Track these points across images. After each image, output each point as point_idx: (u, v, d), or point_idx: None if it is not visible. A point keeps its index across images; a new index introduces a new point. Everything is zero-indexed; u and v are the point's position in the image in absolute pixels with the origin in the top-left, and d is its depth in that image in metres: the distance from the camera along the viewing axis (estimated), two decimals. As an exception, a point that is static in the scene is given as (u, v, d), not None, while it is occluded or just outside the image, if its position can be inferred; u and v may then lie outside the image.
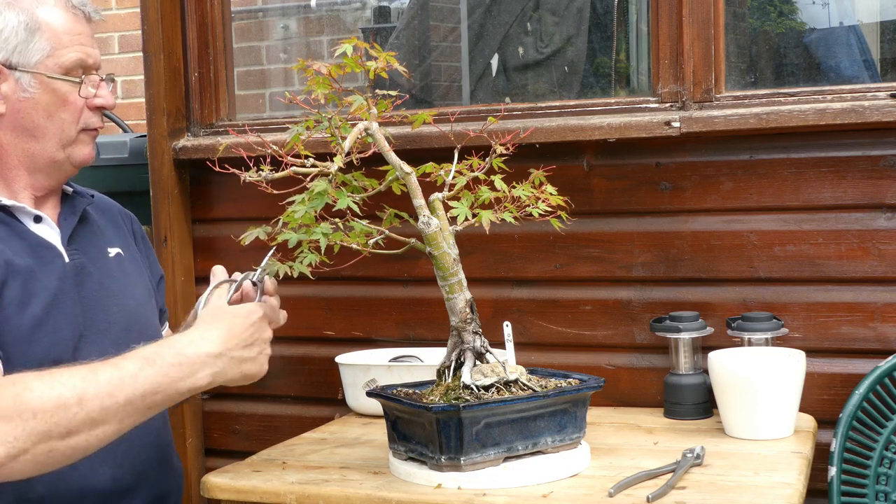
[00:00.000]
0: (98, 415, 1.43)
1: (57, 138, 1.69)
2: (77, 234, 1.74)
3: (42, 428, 1.39)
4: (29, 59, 1.64)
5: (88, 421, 1.42)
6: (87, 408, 1.42)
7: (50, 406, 1.40)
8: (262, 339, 1.60)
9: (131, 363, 1.48)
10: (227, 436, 2.64)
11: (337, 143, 1.68)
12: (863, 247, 2.10)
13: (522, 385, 1.70)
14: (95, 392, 1.43)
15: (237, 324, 1.57)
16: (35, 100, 1.66)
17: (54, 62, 1.66)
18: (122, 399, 1.45)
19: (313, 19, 4.01)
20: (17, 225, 1.66)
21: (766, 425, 1.89)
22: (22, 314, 1.58)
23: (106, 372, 1.46)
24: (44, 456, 1.40)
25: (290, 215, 1.60)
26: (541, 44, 3.35)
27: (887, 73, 3.01)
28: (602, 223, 2.28)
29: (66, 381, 1.43)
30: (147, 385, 1.47)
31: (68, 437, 1.41)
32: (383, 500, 1.63)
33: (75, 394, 1.42)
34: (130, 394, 1.45)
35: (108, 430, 1.45)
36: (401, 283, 2.45)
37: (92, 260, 1.74)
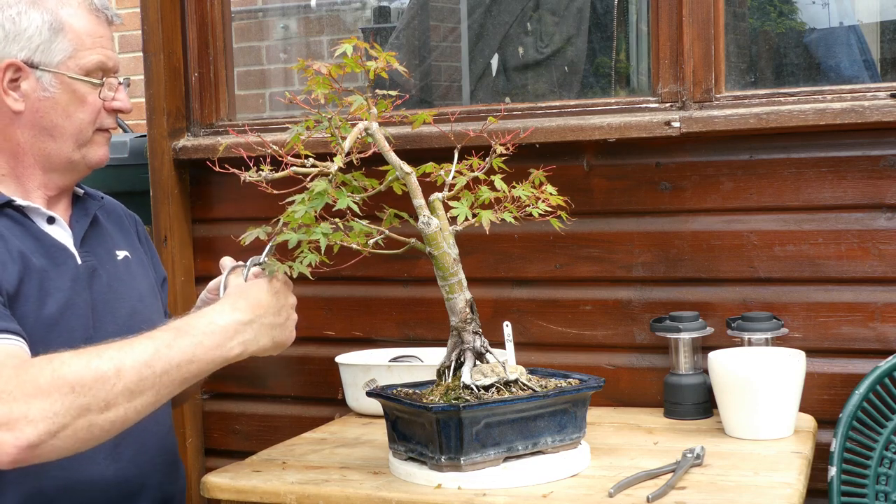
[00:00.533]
0: (136, 385, 1.43)
1: (74, 138, 1.70)
2: (88, 236, 1.75)
3: (82, 401, 1.39)
4: (51, 58, 1.66)
5: (126, 392, 1.42)
6: (125, 379, 1.42)
7: (88, 379, 1.40)
8: (288, 304, 1.61)
9: (165, 334, 1.49)
10: (227, 436, 2.64)
11: (337, 143, 1.68)
12: (863, 247, 2.10)
13: (522, 385, 1.70)
14: (133, 363, 1.43)
15: (262, 293, 1.58)
16: (54, 99, 1.67)
17: (76, 63, 1.68)
18: (158, 369, 1.45)
19: (313, 19, 4.01)
20: (31, 225, 1.67)
21: (766, 425, 1.89)
22: (39, 313, 1.60)
23: (141, 344, 1.46)
24: (84, 431, 1.41)
25: (290, 215, 1.60)
26: (541, 44, 3.35)
27: (887, 73, 3.01)
28: (602, 223, 2.28)
29: (102, 354, 1.43)
30: (181, 354, 1.47)
31: (107, 409, 1.41)
32: (383, 500, 1.63)
33: (113, 365, 1.42)
34: (167, 363, 1.46)
35: (145, 401, 1.45)
36: (401, 283, 2.45)
37: (102, 262, 1.75)
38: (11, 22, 1.65)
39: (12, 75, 1.65)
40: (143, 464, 1.72)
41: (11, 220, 1.65)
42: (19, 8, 1.65)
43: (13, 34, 1.65)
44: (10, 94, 1.66)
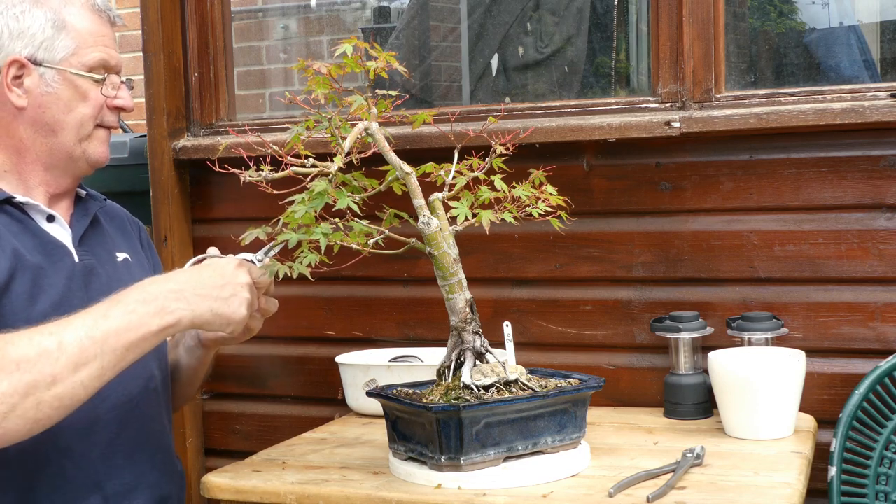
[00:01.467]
0: (79, 357, 1.43)
1: (75, 132, 1.71)
2: (88, 235, 1.76)
3: (27, 378, 1.40)
4: (54, 55, 1.68)
5: (71, 365, 1.43)
6: (67, 351, 1.43)
7: (32, 354, 1.41)
8: (235, 283, 1.58)
9: (102, 305, 1.49)
10: (227, 436, 2.64)
11: (337, 143, 1.68)
12: (863, 247, 2.10)
13: (522, 385, 1.70)
14: (73, 335, 1.44)
15: (205, 269, 1.59)
16: (57, 95, 1.69)
17: (78, 60, 1.70)
18: (98, 338, 1.45)
19: (313, 19, 4.01)
20: (30, 223, 1.68)
21: (766, 425, 1.89)
22: (31, 310, 1.59)
23: (80, 317, 1.47)
24: (33, 410, 1.41)
25: (290, 215, 1.60)
26: (541, 44, 3.35)
27: (887, 73, 3.01)
28: (602, 223, 2.28)
29: (43, 331, 1.44)
30: (118, 322, 1.47)
31: (53, 385, 1.42)
32: (383, 500, 1.63)
33: (54, 339, 1.43)
34: (105, 332, 1.46)
35: (90, 372, 1.45)
36: (401, 283, 2.45)
37: (101, 262, 1.76)
38: (15, 20, 1.67)
39: (16, 72, 1.67)
40: (139, 462, 1.72)
41: (10, 216, 1.66)
42: (23, 7, 1.68)
43: (17, 32, 1.67)
44: (13, 91, 1.68)
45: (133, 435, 1.71)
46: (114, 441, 1.68)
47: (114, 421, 1.68)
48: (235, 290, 1.58)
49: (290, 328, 2.55)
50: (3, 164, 1.71)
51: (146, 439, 1.74)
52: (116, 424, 1.69)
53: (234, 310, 1.57)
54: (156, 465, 1.76)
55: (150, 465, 1.74)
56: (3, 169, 1.71)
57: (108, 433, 1.67)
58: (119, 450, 1.69)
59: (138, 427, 1.73)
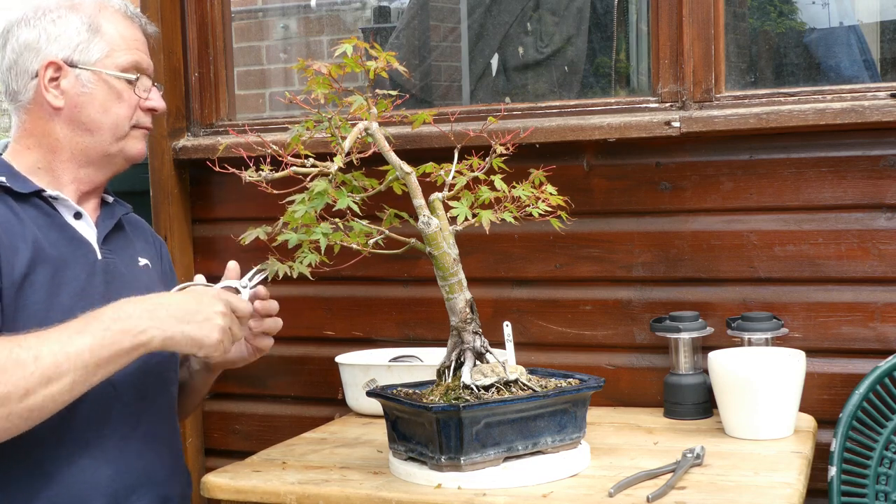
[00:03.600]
0: (52, 371, 1.47)
1: (111, 132, 1.76)
2: (112, 237, 1.80)
3: (1, 390, 1.44)
4: (89, 57, 1.74)
5: (43, 379, 1.47)
6: (42, 366, 1.47)
7: (9, 366, 1.45)
8: (209, 310, 1.61)
9: (77, 322, 1.53)
10: (227, 436, 2.64)
11: (337, 143, 1.68)
12: (863, 247, 2.10)
13: (522, 385, 1.70)
14: (49, 351, 1.48)
15: (185, 294, 1.63)
16: (92, 95, 1.74)
17: (112, 62, 1.76)
18: (72, 353, 1.49)
19: (313, 19, 4.01)
20: (57, 217, 1.72)
21: (766, 425, 1.89)
22: (52, 301, 1.62)
23: (56, 332, 1.51)
24: (3, 421, 1.45)
25: (290, 215, 1.60)
26: (541, 44, 3.35)
27: (887, 73, 3.01)
28: (602, 223, 2.28)
29: (22, 343, 1.48)
30: (92, 339, 1.51)
31: (25, 397, 1.45)
32: (383, 500, 1.63)
33: (31, 353, 1.47)
34: (79, 347, 1.50)
35: (60, 387, 1.48)
36: (401, 283, 2.45)
37: (123, 263, 1.80)
38: (52, 24, 1.74)
39: (53, 74, 1.73)
40: (149, 460, 1.74)
41: (38, 209, 1.70)
42: (59, 12, 1.75)
43: (54, 36, 1.73)
44: (50, 91, 1.73)
45: (146, 431, 1.73)
46: (128, 436, 1.70)
47: (130, 416, 1.71)
48: (209, 315, 1.60)
49: (290, 328, 2.52)
50: (38, 161, 1.75)
51: (158, 437, 1.77)
52: (132, 419, 1.71)
53: (206, 334, 1.59)
54: (165, 463, 1.78)
55: (160, 464, 1.76)
56: (37, 166, 1.75)
57: (123, 427, 1.69)
58: (132, 445, 1.71)
59: (151, 424, 1.75)
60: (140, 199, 2.57)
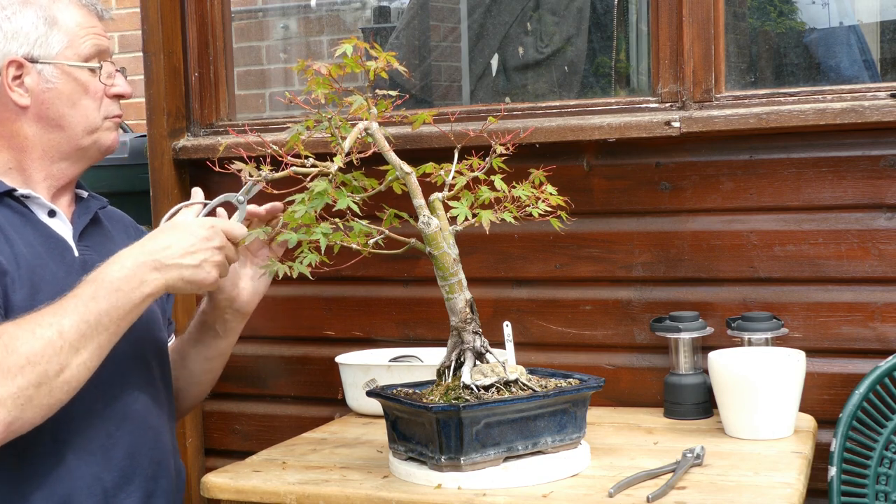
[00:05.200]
0: (78, 342, 1.51)
1: (82, 126, 1.75)
2: (88, 232, 1.79)
3: (39, 370, 1.47)
4: (49, 50, 1.72)
5: (73, 351, 1.51)
6: (68, 339, 1.50)
7: (39, 347, 1.48)
8: (206, 247, 1.63)
9: (86, 288, 1.55)
10: (227, 436, 2.64)
11: (337, 143, 1.68)
12: (863, 247, 2.10)
13: (522, 385, 1.70)
14: (70, 322, 1.51)
15: (177, 233, 1.64)
16: (58, 89, 1.72)
17: (73, 52, 1.73)
18: (92, 321, 1.53)
19: (313, 19, 4.01)
20: (31, 216, 1.71)
21: (766, 425, 1.89)
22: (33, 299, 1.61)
23: (70, 303, 1.54)
24: (46, 398, 1.49)
25: (290, 215, 1.60)
26: (541, 44, 3.35)
27: (887, 73, 3.01)
28: (602, 223, 2.28)
29: (41, 321, 1.50)
30: (106, 303, 1.54)
31: (61, 372, 1.50)
32: (383, 500, 1.63)
33: (54, 330, 1.50)
34: (96, 314, 1.54)
35: (90, 354, 1.53)
36: (401, 283, 2.45)
37: (101, 258, 1.76)
38: (7, 21, 1.71)
39: (15, 72, 1.70)
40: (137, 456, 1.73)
41: (11, 209, 1.69)
42: (13, 9, 1.72)
43: (11, 33, 1.70)
44: (14, 91, 1.70)
45: (133, 426, 1.72)
46: (113, 434, 1.69)
47: (112, 414, 1.70)
48: (207, 254, 1.64)
49: (290, 328, 2.55)
50: (7, 162, 1.73)
51: (146, 432, 1.75)
52: (116, 417, 1.70)
53: (204, 276, 1.63)
54: (155, 458, 1.76)
55: (150, 458, 1.75)
56: (8, 167, 1.73)
57: (108, 426, 1.69)
58: (120, 441, 1.70)
59: (138, 421, 1.74)
60: (140, 199, 2.57)
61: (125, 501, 1.69)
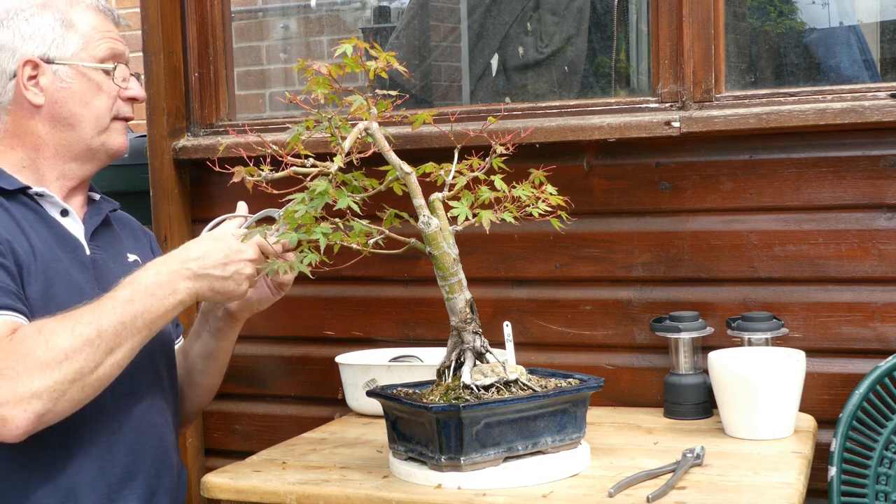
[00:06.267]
0: (114, 342, 1.57)
1: (93, 125, 1.78)
2: (99, 233, 1.81)
3: (75, 367, 1.52)
4: (65, 52, 1.76)
5: (108, 350, 1.56)
6: (105, 338, 1.56)
7: (77, 344, 1.53)
8: (238, 259, 1.69)
9: (123, 290, 1.61)
10: (227, 436, 2.64)
11: (337, 143, 1.68)
12: (863, 247, 2.10)
13: (522, 385, 1.70)
14: (108, 322, 1.56)
15: (213, 244, 1.69)
16: (72, 89, 1.76)
17: (88, 54, 1.78)
18: (128, 323, 1.58)
19: (313, 19, 4.01)
20: (45, 214, 1.74)
21: (766, 425, 1.89)
22: (48, 294, 1.65)
23: (108, 304, 1.58)
24: (79, 392, 1.54)
25: (290, 215, 1.60)
26: (541, 44, 3.35)
27: (887, 73, 3.01)
28: (602, 223, 2.28)
29: (81, 319, 1.55)
30: (140, 306, 1.60)
31: (96, 370, 1.55)
32: (383, 500, 1.63)
33: (93, 328, 1.55)
34: (131, 316, 1.59)
35: (122, 354, 1.58)
36: (401, 283, 2.45)
37: (112, 258, 1.81)
38: (25, 22, 1.75)
39: (31, 72, 1.74)
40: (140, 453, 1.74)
41: (25, 206, 1.72)
42: (31, 11, 1.76)
43: (28, 34, 1.74)
44: (30, 90, 1.74)
45: (136, 426, 1.74)
46: (118, 431, 1.71)
47: (119, 410, 1.72)
48: (238, 266, 1.69)
49: (290, 328, 2.55)
50: (22, 160, 1.77)
51: (149, 431, 1.77)
52: (122, 414, 1.72)
53: (234, 287, 1.69)
54: (157, 457, 1.78)
55: (152, 457, 1.76)
56: (22, 165, 1.77)
57: (113, 422, 1.71)
58: (123, 440, 1.71)
59: (142, 418, 1.76)
60: (140, 199, 2.57)
61: (129, 497, 1.71)
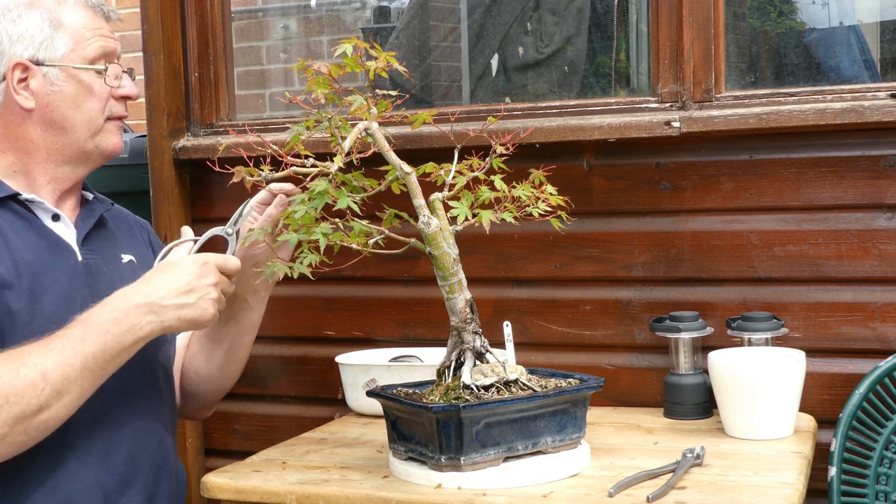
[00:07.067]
0: (62, 385, 1.51)
1: (85, 128, 1.74)
2: (92, 235, 1.78)
3: (17, 410, 1.48)
4: (55, 53, 1.71)
5: (55, 393, 1.51)
6: (51, 381, 1.50)
7: (20, 388, 1.48)
8: (202, 285, 1.62)
9: (76, 329, 1.55)
10: (227, 436, 2.64)
11: (337, 143, 1.68)
12: (863, 247, 2.10)
13: (522, 385, 1.70)
14: (55, 364, 1.51)
15: (172, 273, 1.62)
16: (63, 92, 1.72)
17: (78, 54, 1.73)
18: (78, 365, 1.53)
19: (313, 19, 4.01)
20: (35, 220, 1.70)
21: (766, 425, 1.89)
22: (33, 309, 1.61)
23: (57, 344, 1.53)
24: (21, 435, 1.49)
25: (290, 215, 1.60)
26: (541, 44, 3.35)
27: (887, 73, 3.01)
28: (602, 223, 2.28)
29: (26, 361, 1.50)
30: (94, 346, 1.54)
31: (39, 412, 1.50)
32: (383, 500, 1.63)
33: (38, 371, 1.49)
34: (83, 358, 1.53)
35: (72, 397, 1.53)
36: (401, 283, 2.45)
37: (106, 261, 1.78)
38: (13, 24, 1.70)
39: (20, 75, 1.70)
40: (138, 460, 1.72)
41: (15, 213, 1.68)
42: (18, 11, 1.71)
43: (16, 36, 1.70)
44: (20, 93, 1.70)
45: (134, 431, 1.72)
46: (115, 437, 1.69)
47: (114, 420, 1.69)
48: (202, 291, 1.62)
49: (290, 328, 2.55)
50: (13, 164, 1.73)
51: (147, 436, 1.75)
52: (117, 423, 1.70)
53: (201, 313, 1.62)
54: (156, 461, 1.76)
55: (151, 462, 1.75)
56: (13, 169, 1.73)
57: (109, 431, 1.68)
58: (121, 446, 1.70)
59: (140, 424, 1.74)
60: (140, 199, 2.57)
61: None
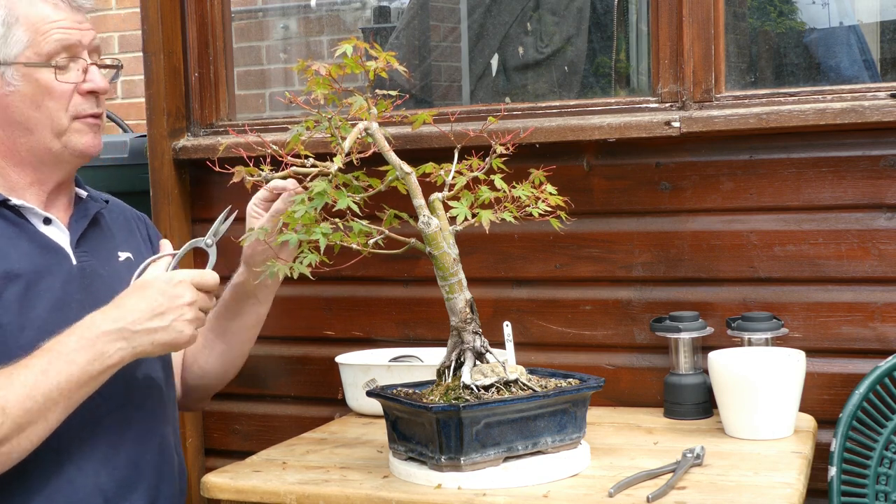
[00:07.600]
0: (23, 419, 1.46)
1: (49, 128, 1.67)
2: (87, 236, 1.74)
3: None
4: (9, 52, 1.63)
5: (16, 427, 1.46)
6: (11, 415, 1.45)
7: None
8: (175, 305, 1.57)
9: (39, 360, 1.49)
10: (227, 436, 2.64)
11: (337, 143, 1.68)
12: (863, 247, 2.10)
13: (522, 385, 1.70)
14: (15, 398, 1.46)
15: (144, 295, 1.57)
16: (21, 92, 1.64)
17: (33, 51, 1.64)
18: (40, 398, 1.47)
19: (313, 19, 4.01)
20: (27, 226, 1.66)
21: (766, 425, 1.89)
22: (25, 318, 1.58)
23: (20, 375, 1.47)
24: None
25: (290, 215, 1.60)
26: (541, 44, 3.35)
27: (887, 73, 3.01)
28: (602, 223, 2.28)
29: None
30: (59, 377, 1.49)
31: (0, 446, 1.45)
32: (383, 500, 1.63)
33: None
34: (46, 390, 1.47)
35: (36, 429, 1.48)
36: (401, 283, 2.45)
37: (101, 263, 1.74)
38: None
39: None
40: (140, 463, 1.71)
41: (6, 220, 1.65)
42: None
43: None
44: None
45: (135, 435, 1.71)
46: (115, 443, 1.68)
47: (116, 423, 1.68)
48: (177, 312, 1.57)
49: (290, 328, 2.55)
50: None
51: (148, 440, 1.74)
52: (118, 426, 1.69)
53: (176, 336, 1.57)
54: (157, 465, 1.75)
55: (152, 466, 1.74)
56: None
57: (110, 435, 1.67)
58: (121, 451, 1.68)
59: (141, 427, 1.73)
60: (140, 199, 2.57)
61: None
